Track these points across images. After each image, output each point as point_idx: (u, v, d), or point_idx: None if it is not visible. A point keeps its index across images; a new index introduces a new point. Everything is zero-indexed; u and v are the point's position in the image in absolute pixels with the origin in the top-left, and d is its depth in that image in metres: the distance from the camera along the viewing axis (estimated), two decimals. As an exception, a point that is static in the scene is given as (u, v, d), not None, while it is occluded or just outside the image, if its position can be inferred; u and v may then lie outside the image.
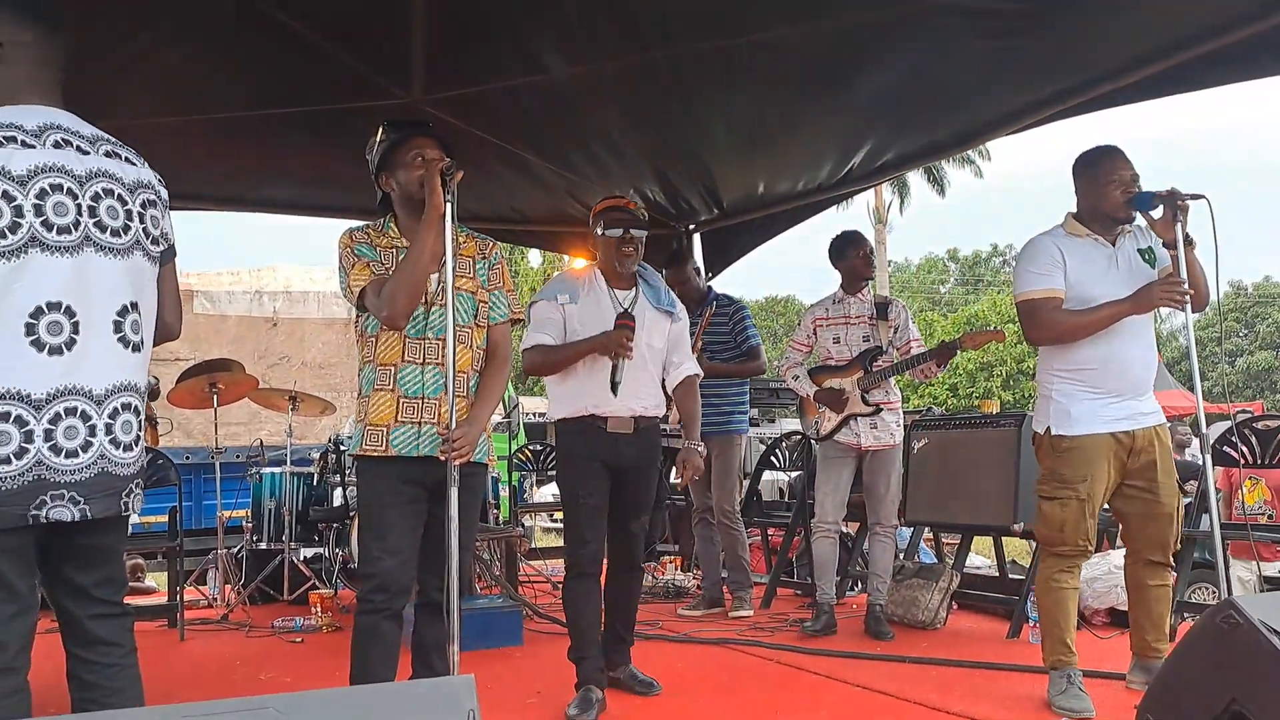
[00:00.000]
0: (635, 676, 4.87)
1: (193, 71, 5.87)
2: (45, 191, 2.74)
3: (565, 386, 4.81)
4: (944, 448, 6.82)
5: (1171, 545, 4.58)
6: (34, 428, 2.67)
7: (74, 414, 2.73)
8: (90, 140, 2.90)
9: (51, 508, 2.69)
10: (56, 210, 2.75)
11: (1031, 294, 4.51)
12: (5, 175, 2.68)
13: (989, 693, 4.73)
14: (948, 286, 62.43)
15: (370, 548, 3.82)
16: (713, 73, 6.17)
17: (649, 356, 4.82)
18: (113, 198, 2.88)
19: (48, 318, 2.71)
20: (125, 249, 2.89)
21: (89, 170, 2.84)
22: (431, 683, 2.22)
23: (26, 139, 2.75)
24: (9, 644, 2.69)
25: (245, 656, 6.12)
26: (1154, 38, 5.37)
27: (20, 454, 2.65)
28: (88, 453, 2.75)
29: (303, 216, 9.01)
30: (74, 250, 2.77)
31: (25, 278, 2.69)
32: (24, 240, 2.69)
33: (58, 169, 2.78)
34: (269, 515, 7.75)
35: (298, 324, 11.85)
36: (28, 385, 2.67)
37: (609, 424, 4.70)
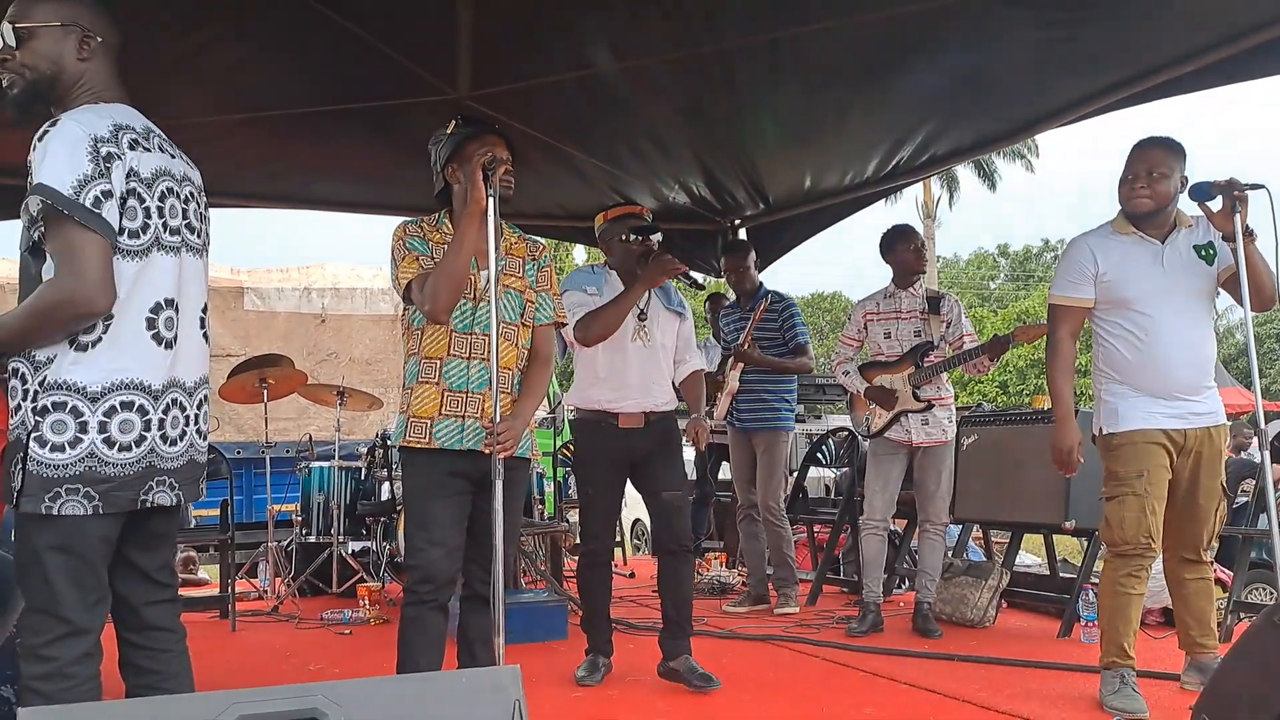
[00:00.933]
0: (694, 670, 4.81)
1: (245, 69, 5.90)
2: (164, 194, 2.88)
3: (582, 378, 5.07)
4: (994, 444, 6.76)
5: (1204, 543, 4.54)
6: (153, 417, 2.82)
7: (176, 405, 2.90)
8: (171, 144, 3.03)
9: (157, 493, 2.84)
10: (171, 212, 2.90)
11: (1059, 299, 4.67)
12: (137, 177, 2.80)
13: (1039, 692, 4.68)
14: (997, 282, 61.93)
15: (415, 539, 3.84)
16: (760, 66, 6.14)
17: (661, 355, 5.06)
18: (195, 200, 3.03)
19: (165, 313, 2.86)
20: (202, 249, 3.07)
21: (182, 173, 2.99)
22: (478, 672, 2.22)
23: (142, 141, 2.85)
24: (93, 629, 2.78)
25: (294, 647, 6.18)
26: (1212, 26, 5.29)
27: (140, 441, 2.79)
28: (183, 442, 2.92)
29: (352, 213, 9.06)
30: (178, 250, 2.92)
31: (148, 275, 2.82)
32: (150, 241, 2.83)
33: (168, 173, 2.91)
34: (318, 509, 7.81)
35: (345, 320, 11.91)
36: (149, 377, 2.82)
37: (620, 420, 4.92)
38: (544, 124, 6.91)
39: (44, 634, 2.73)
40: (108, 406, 2.73)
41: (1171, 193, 4.38)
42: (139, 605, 2.96)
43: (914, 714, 4.44)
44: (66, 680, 2.71)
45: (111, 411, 2.74)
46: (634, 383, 4.95)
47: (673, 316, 5.17)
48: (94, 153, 2.69)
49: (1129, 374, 4.41)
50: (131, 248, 2.77)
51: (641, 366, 4.97)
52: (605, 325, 4.86)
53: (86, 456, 2.70)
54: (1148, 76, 5.75)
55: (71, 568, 2.73)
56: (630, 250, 5.04)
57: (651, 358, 5.02)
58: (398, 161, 6.90)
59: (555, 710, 4.50)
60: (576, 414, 5.13)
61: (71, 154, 2.67)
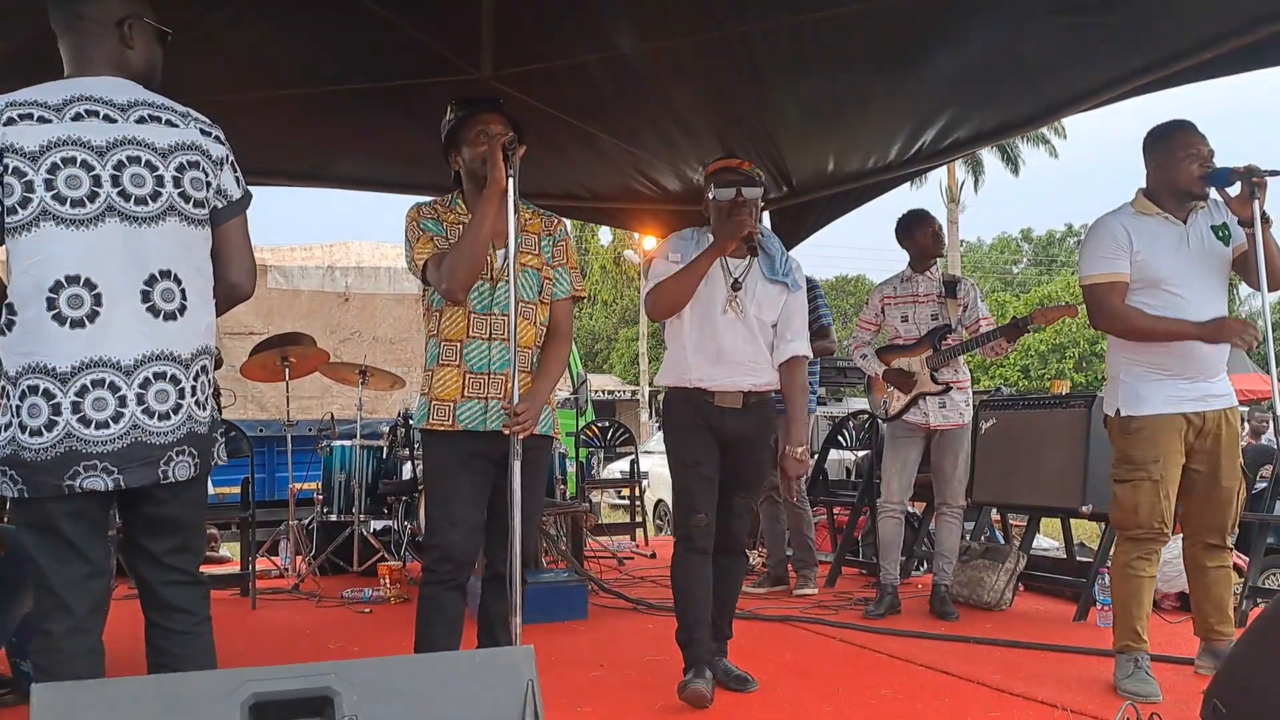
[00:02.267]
0: (729, 672, 4.61)
1: (269, 47, 5.92)
2: (57, 165, 2.74)
3: (673, 354, 4.58)
4: (1012, 428, 6.76)
5: (1229, 528, 4.52)
6: (61, 400, 2.71)
7: (102, 385, 2.74)
8: (123, 108, 2.87)
9: (85, 478, 2.72)
10: (69, 183, 2.75)
11: (1095, 278, 4.46)
12: (16, 152, 2.72)
13: (1053, 675, 4.70)
14: (1020, 267, 61.64)
15: (436, 519, 3.86)
16: (785, 49, 6.14)
17: (758, 328, 4.51)
18: (139, 165, 2.84)
19: (67, 291, 2.72)
20: (155, 216, 2.85)
21: (112, 139, 2.82)
22: (491, 652, 2.25)
23: (45, 114, 2.77)
24: (76, 606, 2.77)
25: (314, 625, 6.24)
26: (1235, 11, 5.26)
27: (50, 426, 2.70)
28: (119, 423, 2.75)
29: (375, 192, 9.08)
30: (93, 222, 2.77)
31: (41, 253, 2.72)
32: (34, 215, 2.72)
33: (74, 141, 2.77)
34: (339, 488, 7.87)
35: (369, 299, 11.94)
36: (52, 359, 2.71)
37: (716, 398, 4.45)
38: (567, 105, 6.92)
39: (40, 607, 2.79)
40: (20, 391, 2.72)
41: None
42: (155, 586, 2.94)
43: (929, 696, 4.45)
44: (57, 655, 2.75)
45: (23, 395, 2.71)
46: (727, 359, 4.45)
47: (777, 288, 4.57)
48: None
49: (1154, 354, 4.39)
50: (13, 224, 2.72)
51: (734, 341, 4.45)
52: (672, 298, 4.46)
53: (10, 441, 2.71)
54: (1171, 62, 5.72)
55: (49, 544, 2.76)
56: (718, 208, 4.55)
57: (746, 333, 4.48)
58: (421, 141, 6.86)
59: (574, 690, 4.53)
60: (670, 388, 4.62)
61: None
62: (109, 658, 2.89)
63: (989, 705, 4.29)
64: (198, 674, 2.20)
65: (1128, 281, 4.39)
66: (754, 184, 4.57)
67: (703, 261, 4.42)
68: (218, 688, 2.02)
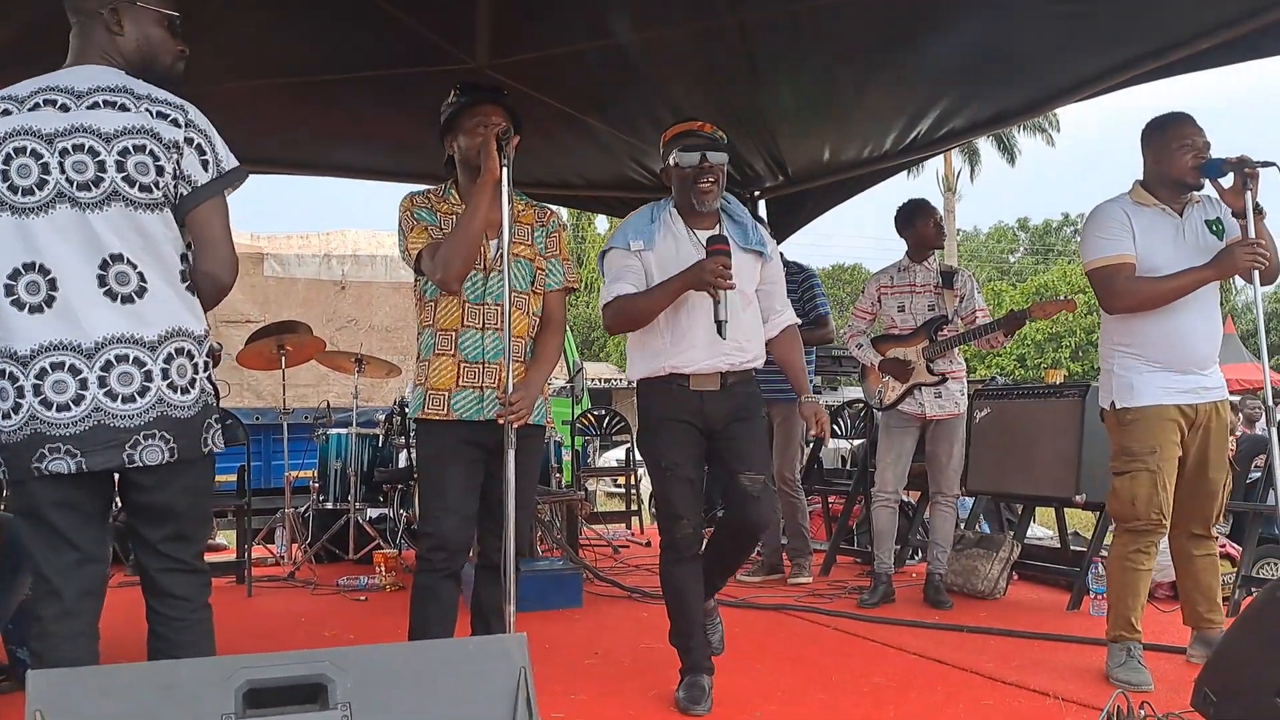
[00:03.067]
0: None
1: (265, 36, 5.92)
2: (10, 156, 2.78)
3: (643, 342, 4.25)
4: (1007, 418, 6.78)
5: (1214, 519, 4.56)
6: (23, 383, 2.74)
7: (61, 368, 2.76)
8: (80, 95, 2.87)
9: (50, 460, 2.74)
10: (20, 172, 2.78)
11: (1103, 261, 4.43)
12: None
13: (1046, 663, 4.73)
14: (1017, 256, 61.67)
15: (430, 507, 3.86)
16: (780, 38, 6.13)
17: (739, 302, 4.16)
18: (83, 151, 2.83)
19: (25, 278, 2.76)
20: (99, 201, 2.83)
21: (60, 128, 2.82)
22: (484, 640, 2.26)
23: (10, 106, 2.82)
24: (65, 591, 2.81)
25: (310, 613, 6.25)
26: (1229, 2, 5.27)
27: (16, 409, 2.74)
28: (80, 406, 2.77)
29: (371, 180, 9.07)
30: (43, 209, 2.79)
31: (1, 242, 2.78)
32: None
33: (25, 131, 2.80)
34: (335, 476, 7.89)
35: (365, 287, 11.93)
36: (13, 343, 2.75)
37: (691, 381, 4.15)
38: (563, 93, 6.92)
39: (34, 593, 2.86)
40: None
41: None
42: (152, 573, 2.97)
43: (921, 684, 4.48)
44: (49, 639, 2.79)
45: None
46: (703, 338, 4.10)
47: (750, 257, 4.27)
48: None
49: (1148, 346, 4.40)
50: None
51: (710, 320, 4.04)
52: (634, 321, 4.20)
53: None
54: (1165, 52, 5.72)
55: (39, 531, 2.81)
56: (683, 177, 4.20)
57: (722, 310, 4.05)
58: (418, 129, 6.88)
59: (568, 677, 4.55)
60: (641, 380, 4.31)
61: None
62: (111, 644, 2.94)
63: (981, 693, 4.31)
64: (192, 661, 2.21)
65: (1134, 262, 4.37)
66: (719, 148, 4.24)
67: (672, 290, 4.08)
68: (212, 675, 2.03)
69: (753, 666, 4.75)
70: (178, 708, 2.00)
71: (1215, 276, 4.30)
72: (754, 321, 4.33)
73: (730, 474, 4.16)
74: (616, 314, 4.19)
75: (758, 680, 4.55)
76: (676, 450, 4.16)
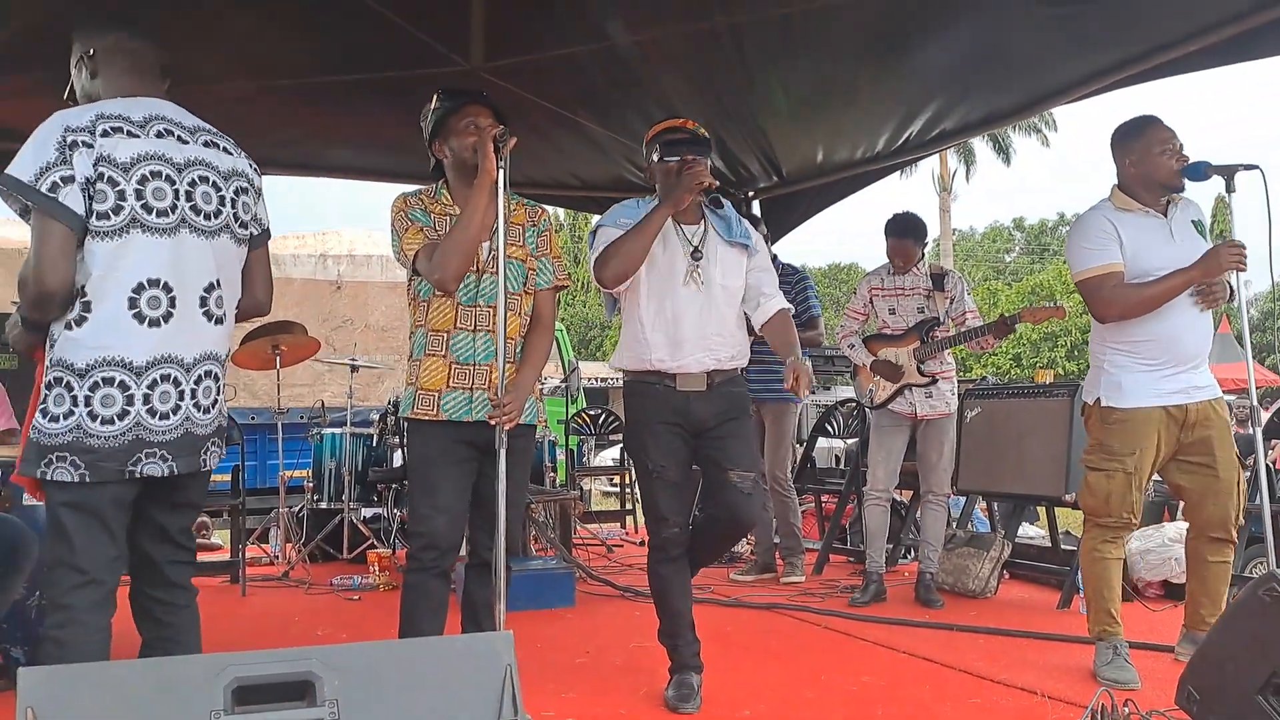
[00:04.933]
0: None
1: (260, 38, 5.93)
2: (146, 178, 3.00)
3: (629, 332, 4.25)
4: (997, 417, 6.81)
5: (1234, 520, 4.53)
6: (135, 392, 2.96)
7: (168, 380, 3.02)
8: (191, 130, 3.17)
9: (146, 464, 2.98)
10: (155, 195, 3.02)
11: (1089, 271, 4.45)
12: (110, 162, 2.94)
13: (1035, 662, 4.75)
14: (1012, 255, 61.76)
15: (420, 506, 3.88)
16: (773, 39, 6.15)
17: (723, 298, 4.18)
18: (208, 184, 3.15)
19: (148, 293, 2.99)
20: (214, 231, 3.16)
21: (187, 159, 3.11)
22: (471, 637, 2.29)
23: (132, 129, 3.02)
24: (108, 581, 2.99)
25: (303, 612, 6.27)
26: (1218, 5, 5.31)
27: (123, 415, 2.94)
28: (176, 415, 3.04)
29: (367, 181, 9.08)
30: (171, 231, 3.04)
31: (128, 257, 2.96)
32: (125, 222, 2.96)
33: (159, 157, 3.04)
34: (330, 475, 7.91)
35: (361, 287, 11.93)
36: (130, 354, 2.96)
37: (678, 381, 4.14)
38: (557, 95, 6.94)
39: (62, 584, 2.95)
40: (92, 382, 2.92)
41: None
42: (161, 563, 3.19)
43: (911, 682, 4.50)
44: (79, 627, 2.93)
45: (95, 387, 2.92)
46: (690, 335, 4.11)
47: (736, 250, 4.27)
48: (60, 142, 2.91)
49: (1141, 346, 4.42)
50: (103, 229, 2.93)
51: (698, 315, 4.12)
52: (624, 260, 4.10)
53: (75, 428, 2.91)
54: (1154, 54, 5.77)
55: (86, 524, 2.95)
56: (666, 170, 4.21)
57: (710, 304, 4.16)
58: (412, 130, 6.86)
59: (558, 676, 4.57)
60: (625, 378, 4.31)
61: (41, 144, 2.92)
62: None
63: (969, 691, 4.34)
64: (181, 658, 2.25)
65: (1122, 270, 4.39)
66: (701, 144, 4.24)
67: (655, 219, 4.09)
68: (200, 671, 2.06)
69: (743, 665, 4.78)
70: (167, 704, 2.02)
71: (1201, 277, 4.33)
72: (740, 319, 4.34)
73: (720, 473, 4.14)
74: (605, 258, 4.14)
75: (748, 679, 4.57)
76: (662, 453, 4.15)
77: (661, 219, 4.11)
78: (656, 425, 4.17)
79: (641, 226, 4.09)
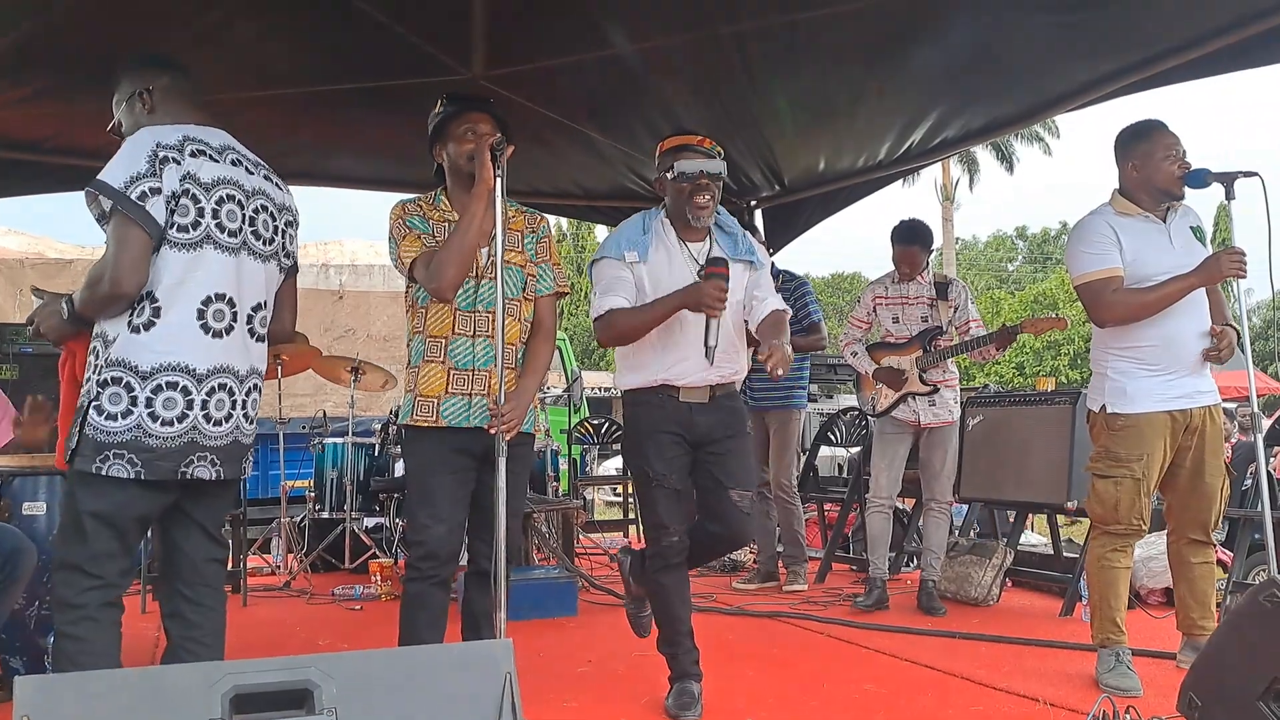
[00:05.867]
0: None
1: (263, 47, 5.93)
2: (223, 199, 3.26)
3: (635, 353, 4.20)
4: (999, 425, 6.80)
5: (1212, 524, 4.55)
6: (195, 397, 3.16)
7: (224, 390, 3.24)
8: (254, 164, 3.46)
9: (197, 467, 3.18)
10: (229, 216, 3.27)
11: (1089, 276, 4.45)
12: (195, 180, 3.18)
13: (1038, 670, 4.74)
14: (1015, 264, 61.77)
15: (419, 515, 3.88)
16: (776, 48, 6.14)
17: (728, 313, 4.06)
18: (267, 213, 3.43)
19: (215, 306, 3.22)
20: (268, 256, 3.43)
21: (254, 188, 3.39)
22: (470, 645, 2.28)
23: (212, 154, 3.28)
24: (120, 587, 3.16)
25: (305, 622, 6.27)
26: (1221, 11, 5.29)
27: (182, 419, 3.13)
28: (228, 423, 3.26)
29: (368, 190, 9.08)
30: (236, 251, 3.29)
31: (201, 269, 3.19)
32: (201, 237, 3.19)
33: (233, 182, 3.31)
34: (331, 485, 7.90)
35: (363, 297, 11.96)
36: (194, 361, 3.17)
37: (681, 393, 4.13)
38: (559, 104, 6.93)
39: (74, 586, 3.07)
40: (155, 385, 3.10)
41: None
42: (199, 561, 3.35)
43: (913, 690, 4.49)
44: (93, 624, 3.06)
45: (158, 390, 3.10)
46: (695, 350, 4.02)
47: (741, 266, 4.22)
48: (152, 156, 3.12)
49: (1144, 351, 4.41)
50: (181, 240, 3.14)
51: (702, 329, 3.98)
52: (625, 335, 4.13)
53: (134, 427, 3.06)
54: (1156, 62, 5.74)
55: (108, 535, 3.09)
56: (679, 190, 4.14)
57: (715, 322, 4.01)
58: (414, 139, 6.85)
59: (560, 685, 4.57)
60: (627, 392, 4.28)
61: (132, 156, 3.12)
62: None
63: (972, 699, 4.33)
64: (179, 666, 2.27)
65: (1121, 275, 4.40)
66: (717, 164, 4.17)
67: (666, 307, 4.02)
68: (198, 680, 2.06)
69: (745, 673, 4.77)
70: (165, 713, 2.02)
71: (1200, 283, 4.33)
72: (742, 331, 4.31)
73: (721, 490, 4.14)
74: (607, 327, 4.13)
75: (749, 687, 4.57)
76: (664, 462, 4.12)
77: (673, 310, 4.01)
78: (659, 435, 4.14)
79: (652, 309, 4.04)
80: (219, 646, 3.35)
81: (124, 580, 3.17)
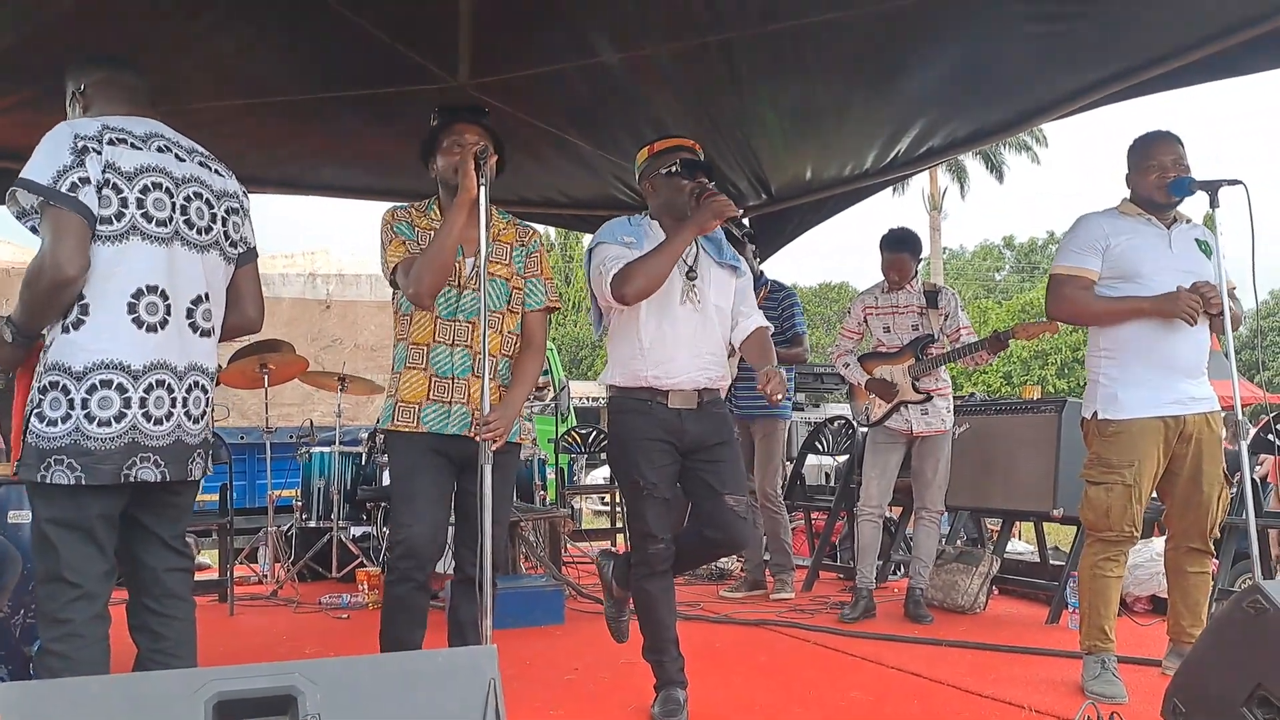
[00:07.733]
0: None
1: (249, 56, 5.94)
2: (148, 188, 3.14)
3: (625, 349, 4.19)
4: (985, 433, 6.82)
5: (1211, 532, 4.56)
6: (132, 395, 3.05)
7: (162, 386, 3.12)
8: (187, 150, 3.33)
9: (140, 469, 3.07)
10: (155, 205, 3.15)
11: (1062, 269, 4.58)
12: (115, 170, 3.07)
13: (1024, 677, 4.75)
14: (1003, 274, 61.92)
15: (400, 515, 3.91)
16: (763, 57, 6.16)
17: (716, 318, 4.21)
18: (201, 200, 3.29)
19: (146, 299, 3.10)
20: (205, 246, 3.30)
21: (184, 175, 3.26)
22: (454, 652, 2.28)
23: (135, 142, 3.16)
24: (100, 595, 3.07)
25: (292, 631, 6.25)
26: (1207, 20, 5.33)
27: (119, 418, 3.03)
28: (169, 422, 3.14)
29: (355, 199, 9.07)
30: (167, 241, 3.17)
31: (127, 262, 3.08)
32: (126, 228, 3.08)
33: (159, 170, 3.18)
34: (318, 494, 7.88)
35: (350, 306, 11.94)
36: (127, 357, 3.05)
37: (670, 399, 4.11)
38: (546, 112, 6.95)
39: (58, 599, 3.00)
40: (90, 384, 3.00)
41: None
42: (160, 571, 3.26)
43: (898, 697, 4.50)
44: (79, 640, 2.99)
45: (92, 389, 3.00)
46: (685, 353, 4.10)
47: (725, 272, 4.30)
48: (73, 147, 3.03)
49: (1136, 352, 4.43)
50: (105, 233, 3.04)
51: (693, 333, 4.13)
52: (650, 276, 3.99)
53: (73, 430, 2.98)
54: (1142, 70, 5.79)
55: (75, 539, 3.01)
56: (678, 187, 4.18)
57: (704, 323, 4.18)
58: (401, 147, 6.88)
59: (546, 693, 4.56)
60: (615, 394, 4.26)
61: (54, 150, 3.02)
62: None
63: (957, 706, 4.34)
64: (162, 673, 2.25)
65: (1094, 279, 4.47)
66: (709, 169, 4.29)
67: (680, 240, 4.02)
68: (182, 686, 2.05)
69: (732, 681, 4.77)
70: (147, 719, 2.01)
71: (1153, 313, 4.37)
72: (723, 340, 4.32)
73: (715, 496, 4.11)
74: (629, 275, 4.00)
75: (736, 694, 4.57)
76: (654, 470, 4.09)
77: (686, 241, 4.05)
78: (648, 442, 4.11)
79: (666, 247, 4.02)
80: (190, 655, 3.28)
81: (105, 586, 3.08)
